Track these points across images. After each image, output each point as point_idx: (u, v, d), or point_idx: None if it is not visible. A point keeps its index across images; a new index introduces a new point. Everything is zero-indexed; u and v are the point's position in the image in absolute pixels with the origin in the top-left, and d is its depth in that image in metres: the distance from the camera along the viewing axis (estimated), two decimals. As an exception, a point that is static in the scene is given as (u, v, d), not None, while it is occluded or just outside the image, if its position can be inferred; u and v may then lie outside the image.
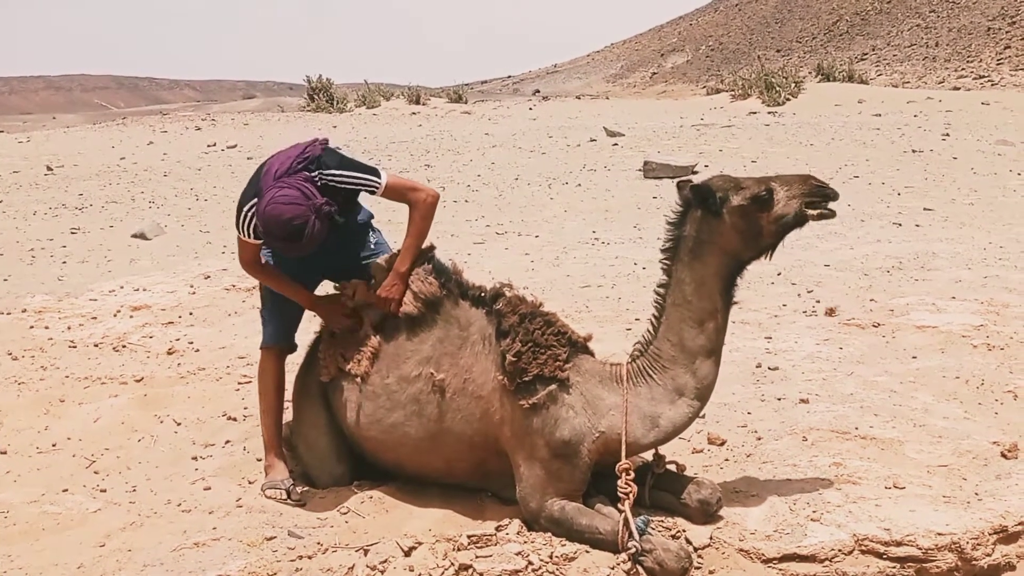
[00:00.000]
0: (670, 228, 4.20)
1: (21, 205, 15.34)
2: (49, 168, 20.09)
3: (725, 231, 4.06)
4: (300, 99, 39.62)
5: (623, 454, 4.08)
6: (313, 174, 4.42)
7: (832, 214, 4.16)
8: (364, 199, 4.87)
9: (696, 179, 4.24)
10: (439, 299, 4.51)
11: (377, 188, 4.52)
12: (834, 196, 4.15)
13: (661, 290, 4.22)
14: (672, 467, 4.39)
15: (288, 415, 5.20)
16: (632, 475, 4.06)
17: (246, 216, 4.50)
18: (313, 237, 4.29)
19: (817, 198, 4.11)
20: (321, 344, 4.88)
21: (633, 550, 3.85)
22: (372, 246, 4.93)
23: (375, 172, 4.56)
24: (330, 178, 4.45)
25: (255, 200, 4.41)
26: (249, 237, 4.54)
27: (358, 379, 4.63)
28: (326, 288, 5.02)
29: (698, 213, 4.09)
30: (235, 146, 23.64)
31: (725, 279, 4.12)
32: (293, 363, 5.08)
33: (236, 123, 31.28)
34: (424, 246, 4.65)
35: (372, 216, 5.03)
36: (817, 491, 4.43)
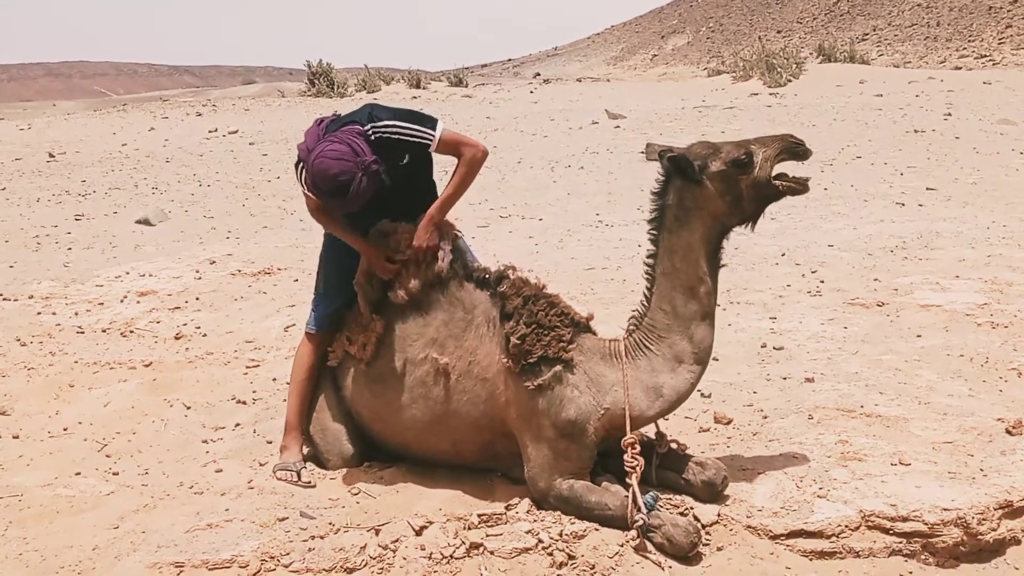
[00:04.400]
0: (654, 198, 4.22)
1: (24, 192, 15.35)
2: (51, 155, 20.09)
3: (709, 197, 4.08)
4: (300, 84, 39.58)
5: (627, 428, 4.11)
6: (366, 128, 4.38)
7: (803, 189, 4.19)
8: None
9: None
10: (444, 280, 4.53)
11: (431, 141, 4.44)
12: (806, 154, 4.17)
13: (650, 260, 4.25)
14: (673, 446, 4.42)
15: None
16: (638, 449, 4.09)
17: (299, 169, 4.51)
18: (359, 194, 4.25)
19: (791, 156, 4.15)
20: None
21: (640, 523, 3.89)
22: None
23: (432, 123, 4.47)
24: (383, 130, 4.39)
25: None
26: (305, 189, 4.51)
27: (364, 363, 4.66)
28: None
29: (679, 182, 4.11)
30: (236, 131, 23.63)
31: (711, 244, 4.14)
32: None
33: (237, 108, 31.24)
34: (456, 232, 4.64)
35: None
36: (823, 468, 4.46)
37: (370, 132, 4.38)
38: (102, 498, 4.59)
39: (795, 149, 4.16)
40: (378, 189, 4.37)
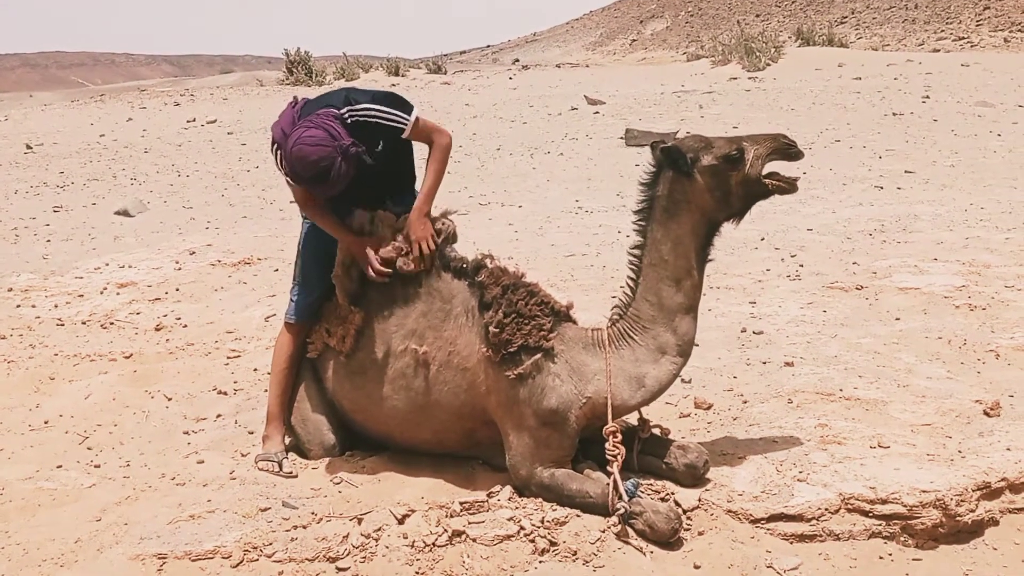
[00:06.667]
0: (643, 189, 4.22)
1: (1, 184, 15.24)
2: (28, 147, 19.95)
3: (698, 190, 4.09)
4: (279, 72, 39.38)
5: (609, 417, 4.13)
6: (342, 111, 4.35)
7: (791, 189, 4.21)
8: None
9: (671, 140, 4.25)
10: (422, 271, 4.52)
11: (405, 126, 4.43)
12: (797, 155, 4.18)
13: (636, 251, 4.25)
14: (656, 431, 4.44)
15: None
16: (619, 438, 4.11)
17: (276, 152, 4.47)
18: (340, 177, 4.22)
19: (782, 156, 4.16)
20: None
21: (622, 511, 3.91)
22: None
23: (408, 109, 4.47)
24: (360, 114, 4.37)
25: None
26: (284, 174, 4.46)
27: (344, 355, 4.65)
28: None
29: (670, 174, 4.12)
30: (215, 121, 23.50)
31: (700, 238, 4.16)
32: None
33: (215, 98, 31.07)
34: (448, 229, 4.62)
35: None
36: (803, 452, 4.49)
37: (346, 115, 4.35)
38: (84, 491, 4.58)
39: (787, 150, 4.17)
40: (359, 174, 4.35)
